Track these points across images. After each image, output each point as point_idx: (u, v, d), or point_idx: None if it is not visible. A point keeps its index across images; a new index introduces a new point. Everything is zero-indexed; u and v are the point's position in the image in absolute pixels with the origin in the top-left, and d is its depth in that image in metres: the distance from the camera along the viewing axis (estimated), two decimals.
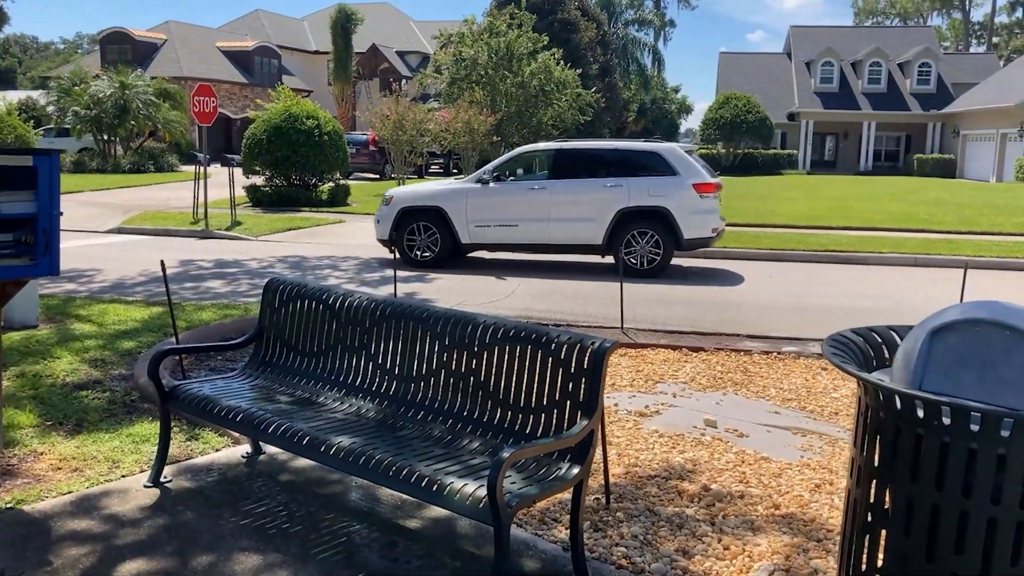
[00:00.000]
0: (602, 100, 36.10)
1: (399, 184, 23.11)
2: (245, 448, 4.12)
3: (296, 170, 18.57)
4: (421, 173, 29.08)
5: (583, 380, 3.02)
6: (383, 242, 11.54)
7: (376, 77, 45.90)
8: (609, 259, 11.15)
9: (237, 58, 43.28)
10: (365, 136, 29.01)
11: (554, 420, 3.10)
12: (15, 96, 34.84)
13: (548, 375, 3.14)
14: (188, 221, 15.14)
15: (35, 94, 36.77)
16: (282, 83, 38.60)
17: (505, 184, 11.26)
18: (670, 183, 10.52)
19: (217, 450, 4.17)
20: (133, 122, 28.84)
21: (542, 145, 11.91)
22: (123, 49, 39.97)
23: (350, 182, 20.68)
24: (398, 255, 10.81)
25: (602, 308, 8.39)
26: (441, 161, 33.47)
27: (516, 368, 3.23)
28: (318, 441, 3.15)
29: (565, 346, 3.09)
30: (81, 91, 28.70)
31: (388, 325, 3.69)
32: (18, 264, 3.63)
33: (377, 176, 29.21)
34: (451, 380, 3.44)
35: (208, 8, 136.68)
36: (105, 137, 29.34)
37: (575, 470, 2.92)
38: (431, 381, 3.50)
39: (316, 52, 49.44)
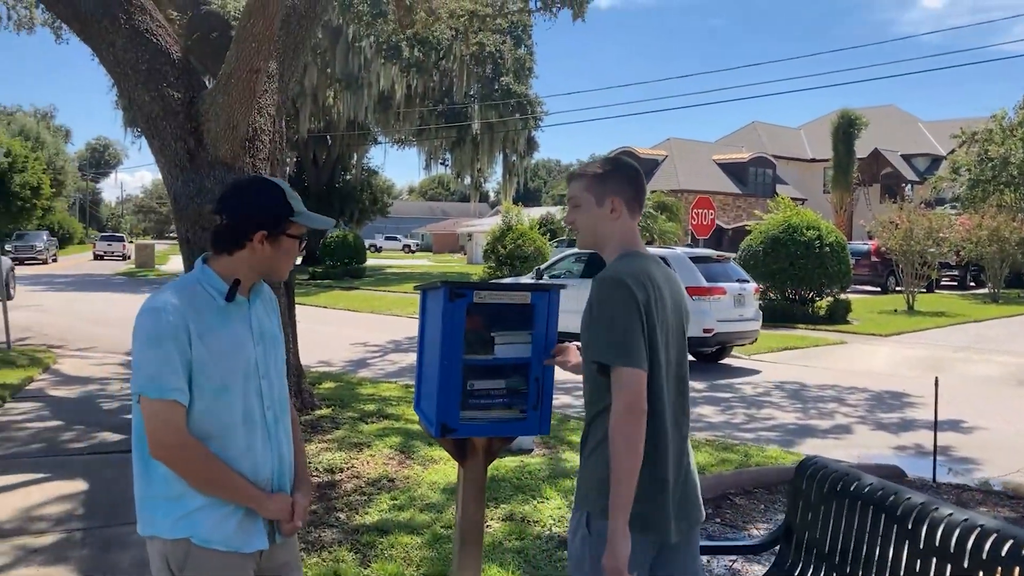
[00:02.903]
0: None
1: (908, 300, 20.44)
2: None
3: (792, 283, 17.36)
4: (931, 287, 25.57)
5: None
6: None
7: (877, 183, 42.84)
8: None
9: (731, 169, 44.01)
10: (866, 246, 26.61)
11: None
12: (536, 212, 39.62)
13: None
14: None
15: (553, 210, 41.50)
16: (776, 193, 38.03)
17: (551, 281, 12.71)
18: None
19: None
20: None
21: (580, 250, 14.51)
22: None
23: (849, 296, 18.75)
24: None
25: None
26: (956, 273, 29.27)
27: None
28: None
29: None
30: None
31: (1003, 573, 2.30)
32: (506, 417, 3.09)
33: (879, 289, 26.45)
34: None
35: (707, 124, 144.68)
36: None
37: None
38: None
39: (812, 160, 48.11)
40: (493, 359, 3.04)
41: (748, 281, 12.32)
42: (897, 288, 24.95)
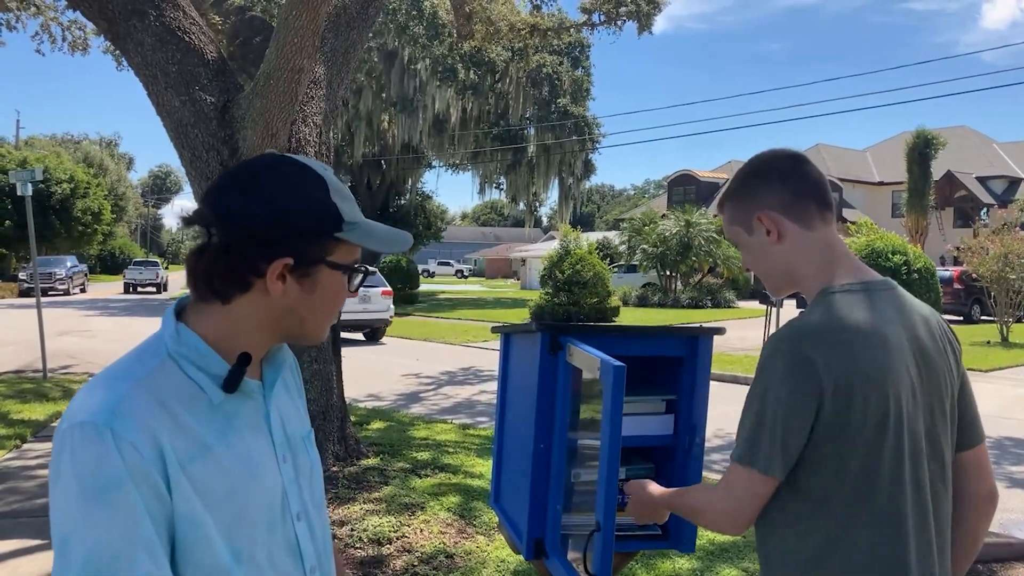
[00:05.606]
0: None
1: (1001, 331, 18.88)
2: None
3: None
4: (1021, 318, 23.76)
5: None
6: None
7: (950, 206, 40.88)
8: None
9: None
10: (948, 272, 24.99)
11: None
12: (593, 237, 38.68)
13: None
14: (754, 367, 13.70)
15: (610, 235, 40.53)
16: (844, 217, 36.42)
17: None
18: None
19: None
20: (694, 258, 29.42)
21: None
22: (687, 190, 42.15)
23: None
24: None
25: None
26: None
27: None
28: None
29: None
30: (649, 231, 30.36)
31: None
32: (629, 525, 2.12)
33: (961, 319, 24.76)
34: None
35: (769, 146, 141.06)
36: (667, 273, 30.42)
37: None
38: None
39: (879, 183, 46.30)
40: None
41: (377, 287, 17.00)
42: (983, 317, 23.28)
